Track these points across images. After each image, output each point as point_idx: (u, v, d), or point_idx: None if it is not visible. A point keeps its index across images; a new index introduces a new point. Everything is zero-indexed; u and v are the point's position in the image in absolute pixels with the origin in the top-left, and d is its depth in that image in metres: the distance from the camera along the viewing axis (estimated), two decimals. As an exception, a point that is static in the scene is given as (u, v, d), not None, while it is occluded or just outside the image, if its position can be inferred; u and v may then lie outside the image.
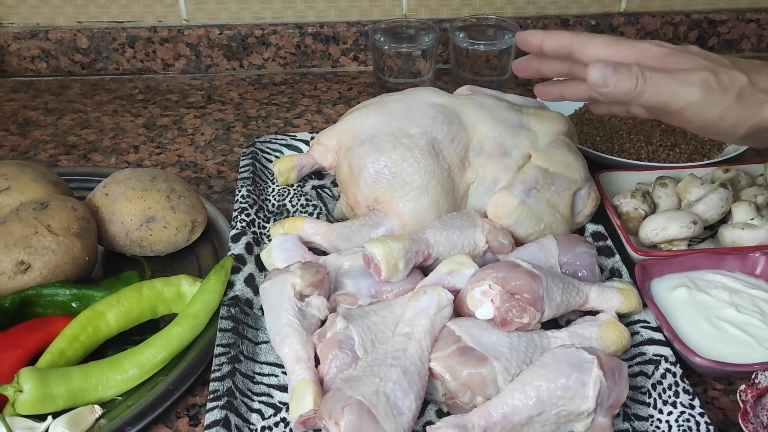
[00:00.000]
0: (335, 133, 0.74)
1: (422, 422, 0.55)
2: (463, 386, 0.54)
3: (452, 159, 0.70)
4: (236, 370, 0.58)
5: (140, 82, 1.13)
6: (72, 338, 0.59)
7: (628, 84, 0.54)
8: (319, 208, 0.78)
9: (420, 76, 1.05)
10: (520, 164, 0.71)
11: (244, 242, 0.70)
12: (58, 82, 1.13)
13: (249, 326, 0.63)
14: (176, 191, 0.73)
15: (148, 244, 0.71)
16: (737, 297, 0.63)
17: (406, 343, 0.55)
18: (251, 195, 0.77)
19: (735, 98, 0.53)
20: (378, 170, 0.69)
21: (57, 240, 0.65)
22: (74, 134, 0.98)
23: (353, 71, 1.15)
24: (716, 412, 0.57)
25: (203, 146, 0.95)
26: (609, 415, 0.53)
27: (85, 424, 0.55)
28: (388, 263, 0.61)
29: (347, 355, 0.56)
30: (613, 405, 0.53)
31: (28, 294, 0.62)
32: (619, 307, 0.61)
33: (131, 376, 0.58)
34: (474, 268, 0.62)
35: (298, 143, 0.87)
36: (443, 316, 0.58)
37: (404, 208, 0.68)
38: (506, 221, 0.68)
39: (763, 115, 0.54)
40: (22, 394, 0.53)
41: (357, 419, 0.50)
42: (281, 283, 0.61)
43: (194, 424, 0.57)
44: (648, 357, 0.59)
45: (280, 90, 1.10)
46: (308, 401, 0.53)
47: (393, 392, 0.52)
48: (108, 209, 0.71)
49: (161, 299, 0.64)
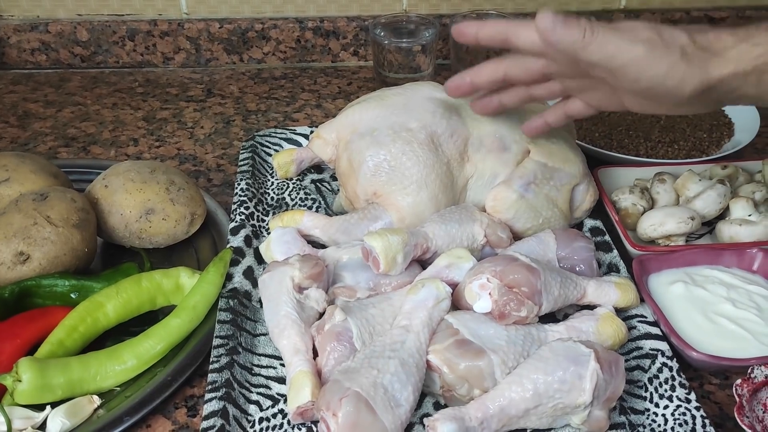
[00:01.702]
0: (335, 127, 0.75)
1: (419, 414, 0.56)
2: (460, 378, 0.54)
3: (451, 153, 0.70)
4: (234, 361, 0.58)
5: (140, 75, 1.13)
6: (71, 329, 0.59)
7: (575, 33, 0.54)
8: (318, 202, 0.78)
9: (420, 71, 1.05)
10: (519, 159, 0.71)
11: (243, 235, 0.70)
12: (58, 74, 1.13)
13: (247, 318, 0.63)
14: (176, 183, 0.73)
15: (147, 236, 0.71)
16: (734, 292, 0.63)
17: (404, 335, 0.56)
18: (250, 188, 0.77)
19: (679, 55, 0.53)
20: (377, 164, 0.69)
21: (56, 231, 0.65)
22: (74, 127, 0.98)
23: (353, 66, 1.15)
24: (712, 406, 0.58)
25: (203, 140, 0.95)
26: (605, 408, 0.53)
27: (83, 414, 0.55)
28: (387, 256, 0.61)
29: (345, 347, 0.56)
30: (610, 398, 0.53)
31: (27, 284, 0.62)
32: (617, 301, 0.61)
33: (130, 367, 0.58)
34: (472, 261, 0.62)
35: (298, 137, 0.87)
36: (441, 309, 0.58)
37: (403, 202, 0.68)
38: (505, 215, 0.68)
39: (709, 72, 0.53)
40: (20, 383, 0.54)
41: (355, 410, 0.50)
42: (280, 276, 0.61)
43: (192, 414, 0.58)
44: (645, 351, 0.59)
45: (280, 84, 1.10)
46: (306, 393, 0.53)
47: (391, 384, 0.52)
48: (107, 201, 0.71)
49: (160, 291, 0.64)
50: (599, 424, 0.53)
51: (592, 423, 0.53)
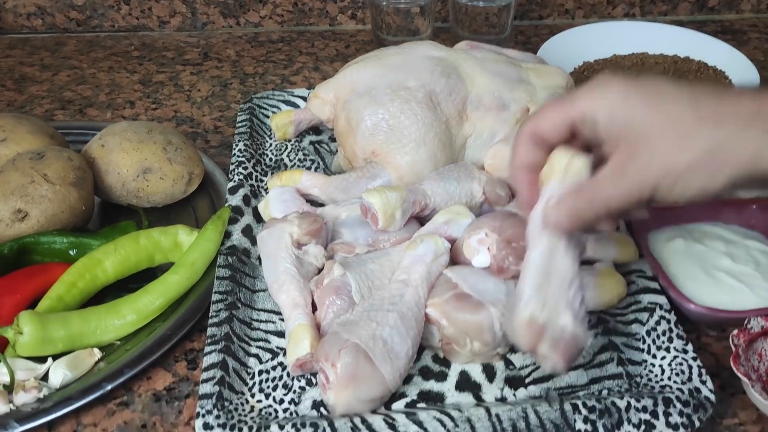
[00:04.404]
0: (333, 86, 0.74)
1: (418, 367, 0.56)
2: (460, 332, 0.54)
3: (450, 112, 0.69)
4: (234, 316, 0.58)
5: (136, 39, 1.12)
6: (70, 285, 0.59)
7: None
8: (317, 163, 0.78)
9: (418, 34, 1.04)
10: (518, 117, 0.71)
11: (242, 194, 0.70)
12: (54, 39, 1.12)
13: (246, 275, 0.63)
14: (173, 143, 0.73)
15: (145, 195, 0.71)
16: (733, 248, 0.63)
17: (402, 289, 0.56)
18: (248, 149, 0.76)
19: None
20: (376, 123, 0.68)
21: (53, 189, 0.64)
22: (70, 90, 0.98)
23: (351, 29, 1.14)
24: (708, 357, 0.58)
25: (200, 102, 0.94)
26: (582, 323, 0.48)
27: (84, 366, 0.56)
28: (385, 212, 0.61)
29: (344, 301, 0.56)
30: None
31: (26, 242, 0.62)
32: (616, 256, 0.61)
33: (129, 322, 0.58)
34: (470, 217, 0.62)
35: (296, 99, 0.86)
36: (440, 264, 0.58)
37: (402, 161, 0.68)
38: (503, 173, 0.68)
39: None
40: (22, 336, 0.54)
41: (353, 361, 0.51)
42: (279, 232, 0.61)
43: (192, 367, 0.58)
44: (643, 305, 0.59)
45: (278, 47, 1.09)
46: (305, 345, 0.53)
47: (390, 336, 0.53)
48: (104, 160, 0.71)
49: (158, 248, 0.64)
50: (574, 338, 0.47)
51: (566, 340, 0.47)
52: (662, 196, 0.43)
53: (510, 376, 0.55)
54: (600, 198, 0.45)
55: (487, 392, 0.54)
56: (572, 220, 0.47)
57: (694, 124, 0.42)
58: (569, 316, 0.47)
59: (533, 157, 0.49)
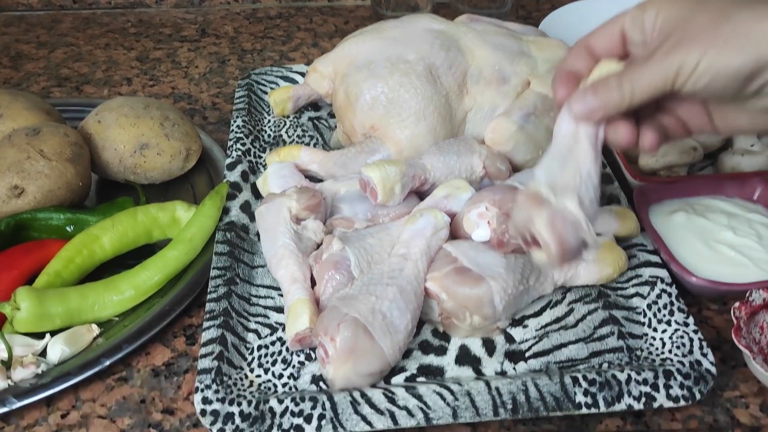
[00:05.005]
0: (331, 60, 0.73)
1: (418, 341, 0.56)
2: (460, 306, 0.54)
3: (450, 85, 0.68)
4: (232, 291, 0.58)
5: (132, 15, 1.10)
6: (67, 260, 0.59)
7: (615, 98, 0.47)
8: (316, 139, 0.77)
9: (418, 9, 1.03)
10: (519, 91, 0.70)
11: (240, 170, 0.70)
12: (50, 16, 1.10)
13: (245, 251, 0.63)
14: (170, 119, 0.72)
15: (142, 171, 0.71)
16: (735, 221, 0.62)
17: (402, 263, 0.55)
18: (247, 125, 0.76)
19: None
20: (375, 96, 0.68)
21: (50, 165, 0.64)
22: (66, 67, 0.97)
23: (350, 5, 1.13)
24: (710, 330, 0.58)
25: (197, 79, 0.93)
26: (587, 216, 0.47)
27: (83, 342, 0.55)
28: (385, 186, 0.60)
29: (343, 275, 0.56)
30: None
31: (22, 218, 0.62)
32: (617, 230, 0.61)
33: (127, 298, 0.58)
34: (470, 191, 0.61)
35: (294, 75, 0.85)
36: (439, 238, 0.57)
37: (401, 135, 0.67)
38: (504, 147, 0.67)
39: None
40: (19, 311, 0.54)
41: (353, 335, 0.50)
42: (277, 207, 0.60)
43: (191, 343, 0.58)
44: (644, 279, 0.59)
45: (276, 23, 1.07)
46: (304, 320, 0.53)
47: (389, 310, 0.52)
48: (101, 136, 0.70)
49: (156, 224, 0.64)
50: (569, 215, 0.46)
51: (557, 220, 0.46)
52: (685, 74, 0.43)
53: (510, 350, 0.55)
54: (627, 79, 0.45)
55: (487, 366, 0.54)
56: (597, 105, 0.46)
57: (731, 8, 0.43)
58: (574, 202, 0.46)
59: (580, 64, 0.49)
